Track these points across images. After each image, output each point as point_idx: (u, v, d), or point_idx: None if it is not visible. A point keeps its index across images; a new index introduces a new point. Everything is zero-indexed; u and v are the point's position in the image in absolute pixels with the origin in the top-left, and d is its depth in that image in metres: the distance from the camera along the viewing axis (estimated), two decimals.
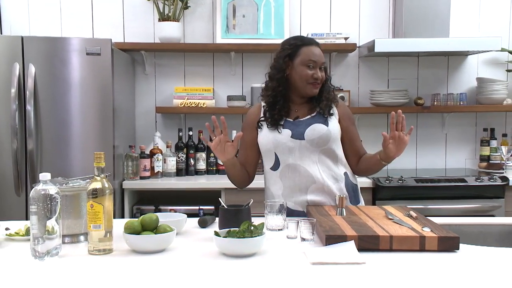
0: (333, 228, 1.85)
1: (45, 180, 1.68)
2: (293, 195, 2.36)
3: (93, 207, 1.72)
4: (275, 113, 2.38)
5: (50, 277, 1.53)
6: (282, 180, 2.38)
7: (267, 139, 2.38)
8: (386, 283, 1.45)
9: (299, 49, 2.38)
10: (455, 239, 1.72)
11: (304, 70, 2.35)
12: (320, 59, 2.37)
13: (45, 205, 1.64)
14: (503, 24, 4.25)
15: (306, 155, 2.35)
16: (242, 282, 1.49)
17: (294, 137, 2.35)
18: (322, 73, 2.38)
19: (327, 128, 2.35)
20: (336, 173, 2.39)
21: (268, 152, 2.40)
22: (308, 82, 2.35)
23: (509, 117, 4.30)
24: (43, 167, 3.32)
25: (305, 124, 2.37)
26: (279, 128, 2.37)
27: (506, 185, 3.61)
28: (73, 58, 3.34)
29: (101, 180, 1.75)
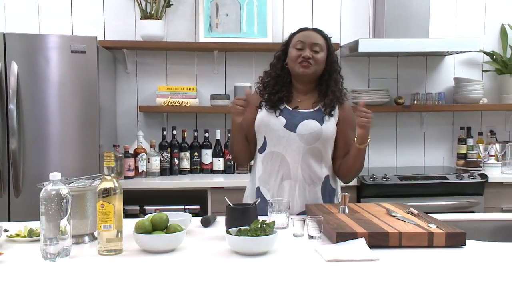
0: (342, 225, 1.87)
1: (55, 180, 1.64)
2: (269, 181, 2.41)
3: (104, 207, 1.70)
4: (275, 98, 2.42)
5: (63, 279, 1.50)
6: (263, 164, 2.42)
7: (262, 121, 2.41)
8: (401, 279, 1.48)
9: (294, 36, 2.44)
10: (462, 235, 1.77)
11: (293, 52, 2.38)
12: (309, 39, 2.37)
13: (57, 205, 1.61)
14: (479, 26, 4.36)
15: (292, 148, 2.36)
16: (259, 280, 1.49)
17: (287, 127, 2.36)
18: (317, 55, 2.36)
19: (320, 127, 2.36)
20: (316, 174, 2.40)
21: (259, 134, 2.44)
22: (297, 62, 2.36)
23: (484, 116, 4.42)
24: (26, 167, 3.25)
25: (301, 117, 2.38)
26: (276, 112, 2.39)
27: (485, 182, 3.71)
28: (57, 56, 3.28)
29: (111, 179, 1.72)
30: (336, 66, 2.44)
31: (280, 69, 2.45)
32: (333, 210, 2.17)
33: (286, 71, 2.45)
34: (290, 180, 2.38)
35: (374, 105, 4.06)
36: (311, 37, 2.38)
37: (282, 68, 2.45)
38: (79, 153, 3.33)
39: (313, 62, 2.35)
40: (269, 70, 2.51)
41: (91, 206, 1.88)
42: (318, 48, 2.37)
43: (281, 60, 2.46)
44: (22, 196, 3.24)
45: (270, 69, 2.50)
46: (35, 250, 1.75)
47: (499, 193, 3.74)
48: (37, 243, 1.85)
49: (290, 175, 2.37)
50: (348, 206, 2.17)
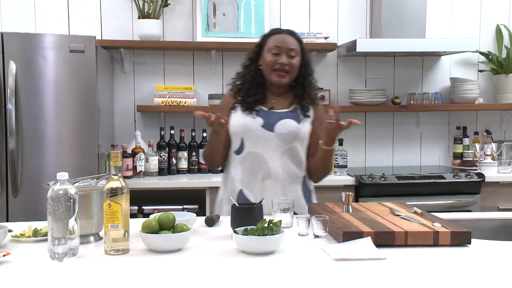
0: (347, 225, 1.87)
1: (63, 180, 1.63)
2: (250, 183, 2.39)
3: (111, 207, 1.69)
4: (251, 100, 2.40)
5: (71, 278, 1.50)
6: (242, 166, 2.41)
7: (238, 122, 2.39)
8: (410, 277, 1.49)
9: (268, 38, 2.42)
10: (467, 233, 1.78)
11: (269, 57, 2.36)
12: (285, 45, 2.35)
13: (64, 204, 1.61)
14: (474, 26, 4.39)
15: (271, 148, 2.36)
16: (268, 279, 1.49)
17: (264, 127, 2.36)
18: (293, 60, 2.36)
19: (298, 126, 2.37)
20: (295, 173, 2.42)
21: (235, 135, 2.41)
22: (272, 69, 2.35)
23: (480, 115, 4.45)
24: (24, 167, 3.23)
25: (278, 117, 2.38)
26: (253, 113, 2.38)
27: (482, 181, 3.73)
28: (56, 55, 3.26)
29: (118, 179, 1.72)
30: (309, 69, 2.45)
31: (255, 71, 2.44)
32: (336, 209, 2.18)
33: (260, 73, 2.43)
34: (271, 180, 2.37)
35: (371, 104, 4.08)
36: (287, 42, 2.36)
37: (256, 70, 2.43)
38: (77, 153, 3.32)
39: (289, 68, 2.36)
40: (243, 71, 2.49)
41: (97, 206, 1.87)
42: (294, 53, 2.37)
43: (254, 62, 2.44)
44: (20, 196, 3.23)
45: (244, 71, 2.48)
46: (42, 250, 1.75)
47: (496, 192, 3.77)
48: (42, 243, 1.85)
49: (271, 175, 2.37)
50: (352, 205, 2.17)
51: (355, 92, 4.12)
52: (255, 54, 2.44)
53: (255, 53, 2.44)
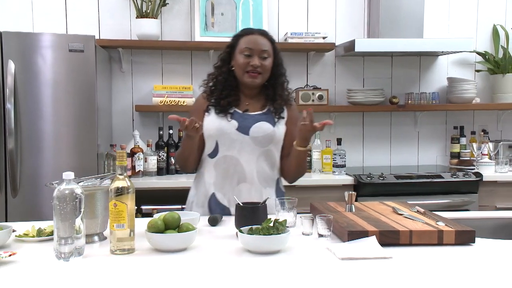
0: (351, 224, 1.88)
1: (69, 180, 1.63)
2: (224, 186, 2.37)
3: (117, 206, 1.69)
4: (224, 102, 2.37)
5: (77, 278, 1.50)
6: (216, 169, 2.37)
7: (213, 125, 2.35)
8: (416, 276, 1.50)
9: (240, 39, 2.39)
10: (472, 232, 1.79)
11: (241, 59, 2.33)
12: (257, 46, 2.32)
13: (71, 204, 1.60)
14: (471, 26, 4.41)
15: (246, 151, 2.34)
16: (274, 278, 1.49)
17: (239, 130, 2.33)
18: (265, 62, 2.33)
19: (273, 129, 2.36)
20: (270, 176, 2.41)
21: (210, 138, 2.37)
22: (245, 71, 2.33)
23: (476, 115, 4.47)
24: (23, 167, 3.22)
25: (253, 120, 2.36)
26: (227, 116, 2.35)
27: (480, 180, 3.75)
28: (55, 55, 3.26)
29: (123, 178, 1.72)
30: (281, 69, 2.43)
31: (227, 73, 2.40)
32: (339, 208, 2.18)
33: (232, 74, 2.39)
34: (246, 183, 2.35)
35: (369, 104, 4.09)
36: (259, 43, 2.33)
37: (229, 71, 2.40)
38: (77, 152, 3.31)
39: (261, 70, 2.33)
40: (215, 73, 2.44)
41: (101, 205, 1.87)
42: (266, 54, 2.34)
43: (226, 63, 2.41)
44: (19, 196, 3.22)
45: (216, 72, 2.44)
46: (46, 250, 1.75)
47: (493, 191, 3.79)
48: (47, 243, 1.85)
49: (246, 179, 2.35)
50: (354, 204, 2.18)
51: (353, 92, 4.13)
52: (227, 55, 2.40)
53: (227, 53, 2.40)
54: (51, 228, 1.93)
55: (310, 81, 4.23)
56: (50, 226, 1.96)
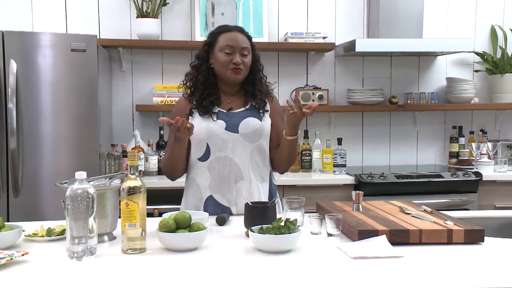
0: (360, 223, 1.89)
1: (81, 179, 1.63)
2: (221, 187, 2.36)
3: (129, 206, 1.69)
4: (207, 103, 2.35)
5: (91, 277, 1.50)
6: (210, 172, 2.36)
7: (200, 129, 2.31)
8: (428, 275, 1.50)
9: (218, 36, 2.38)
10: (481, 231, 1.80)
11: (222, 56, 2.32)
12: (238, 44, 2.32)
13: (83, 204, 1.60)
14: (470, 27, 4.43)
15: (239, 149, 2.34)
16: (287, 277, 1.50)
17: (228, 129, 2.33)
18: (246, 59, 2.34)
19: (261, 123, 2.37)
20: (263, 171, 2.43)
21: (199, 142, 2.35)
22: (228, 68, 2.32)
23: (475, 115, 4.50)
24: (25, 167, 3.21)
25: (239, 117, 2.36)
26: (213, 116, 2.34)
27: (479, 180, 3.78)
28: (57, 55, 3.25)
29: (135, 178, 1.72)
30: (259, 65, 2.43)
31: (206, 71, 2.38)
32: (346, 208, 2.19)
33: (212, 72, 2.38)
34: (244, 181, 2.36)
35: (369, 104, 4.11)
36: (239, 41, 2.33)
37: (208, 69, 2.38)
38: (79, 152, 3.31)
39: (243, 67, 2.33)
40: (193, 72, 2.43)
41: (111, 205, 1.88)
42: (246, 52, 2.34)
43: (205, 61, 2.39)
44: (21, 196, 3.21)
45: (194, 71, 2.42)
46: (57, 249, 1.76)
47: (492, 191, 3.82)
48: (56, 243, 1.86)
49: (243, 176, 2.36)
50: (361, 204, 2.19)
51: (353, 92, 4.15)
52: (205, 53, 2.39)
53: (205, 51, 2.39)
54: (61, 228, 1.93)
55: (310, 81, 4.24)
56: (59, 226, 1.96)
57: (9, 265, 1.57)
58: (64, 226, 1.94)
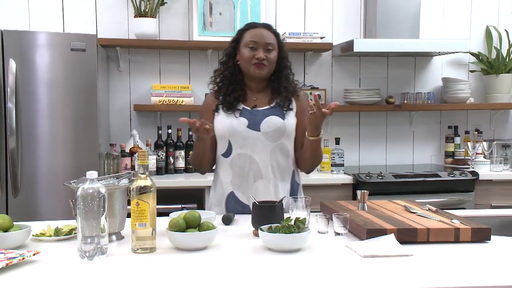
0: (368, 222, 1.90)
1: (93, 179, 1.63)
2: (241, 184, 2.39)
3: (139, 205, 1.70)
4: (230, 98, 2.39)
5: (103, 277, 1.51)
6: (232, 168, 2.39)
7: (223, 125, 2.37)
8: (438, 273, 1.52)
9: (244, 33, 2.41)
10: (487, 230, 1.83)
11: (246, 52, 2.35)
12: (262, 40, 2.34)
13: (94, 203, 1.60)
14: (465, 27, 4.47)
15: (259, 147, 2.36)
16: (299, 276, 1.51)
17: (250, 127, 2.36)
18: (270, 54, 2.35)
19: (283, 121, 2.38)
20: (285, 170, 2.43)
21: (222, 138, 2.40)
22: (251, 63, 2.35)
23: (470, 115, 4.54)
24: (24, 166, 3.20)
25: (262, 115, 2.38)
26: (235, 113, 2.37)
27: (476, 179, 3.81)
28: (56, 54, 3.24)
29: (145, 177, 1.73)
30: (286, 62, 2.45)
31: (233, 67, 2.42)
32: (350, 207, 2.21)
33: (238, 69, 2.42)
34: (263, 180, 2.38)
35: (366, 104, 4.13)
36: (264, 36, 2.36)
37: (234, 65, 2.42)
38: (78, 152, 3.29)
39: (267, 63, 2.35)
40: (221, 68, 2.46)
41: (119, 204, 1.88)
42: (271, 47, 2.36)
43: (232, 57, 2.43)
44: (20, 196, 3.19)
45: (222, 68, 2.46)
46: (66, 249, 1.76)
47: (488, 190, 3.85)
48: (64, 242, 1.86)
49: (262, 175, 2.38)
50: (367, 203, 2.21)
51: (350, 92, 4.17)
52: (232, 50, 2.42)
53: (232, 48, 2.42)
54: (68, 228, 1.93)
55: (307, 80, 4.25)
56: (66, 226, 1.95)
57: (20, 264, 1.57)
58: (71, 226, 1.95)
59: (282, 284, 1.44)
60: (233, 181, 2.40)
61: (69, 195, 1.92)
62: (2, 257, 1.54)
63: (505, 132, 4.61)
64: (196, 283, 1.45)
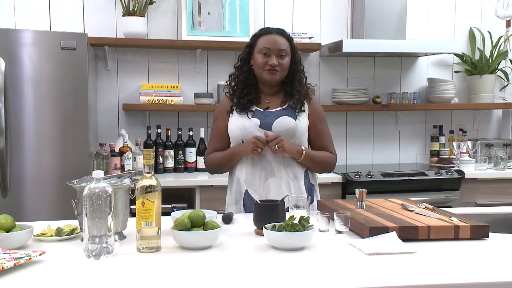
0: (368, 220, 1.93)
1: (99, 178, 1.63)
2: (254, 182, 2.44)
3: (145, 205, 1.70)
4: (244, 101, 2.45)
5: (109, 276, 1.51)
6: (245, 166, 2.45)
7: (236, 126, 2.44)
8: (441, 269, 1.55)
9: (258, 39, 2.47)
10: (486, 227, 1.87)
11: (260, 58, 2.41)
12: (275, 46, 2.40)
13: (100, 202, 1.60)
14: (449, 29, 4.54)
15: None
16: (306, 273, 1.53)
17: (262, 127, 2.41)
18: (283, 60, 2.41)
19: (295, 122, 2.43)
20: (297, 169, 2.47)
21: (236, 139, 2.46)
22: (264, 69, 2.41)
23: (454, 115, 4.61)
24: (13, 167, 3.15)
25: (274, 116, 2.44)
26: (248, 114, 2.44)
27: (462, 178, 3.88)
28: (46, 52, 3.19)
29: (151, 177, 1.73)
30: (299, 66, 2.51)
31: (247, 72, 2.49)
32: (348, 206, 2.23)
33: (252, 73, 2.48)
34: (275, 178, 2.42)
35: (354, 104, 4.17)
36: (276, 43, 2.41)
37: (249, 70, 2.49)
38: (68, 151, 3.26)
39: (279, 69, 2.41)
40: (236, 72, 2.53)
41: (122, 204, 1.87)
42: (284, 53, 2.41)
43: (246, 62, 2.49)
44: (9, 196, 3.15)
45: (237, 72, 2.53)
46: (69, 249, 1.76)
47: (473, 188, 3.92)
48: (66, 242, 1.86)
49: (274, 173, 2.42)
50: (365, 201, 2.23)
51: (338, 92, 4.20)
52: (247, 55, 2.49)
53: (247, 53, 2.49)
54: (69, 228, 1.92)
55: None
56: (67, 225, 1.94)
57: (26, 265, 1.56)
58: (72, 226, 1.94)
59: (291, 282, 1.46)
60: (247, 178, 2.44)
61: (60, 195, 1.92)
62: (9, 257, 1.53)
63: (488, 132, 4.69)
64: (203, 282, 1.46)
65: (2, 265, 1.45)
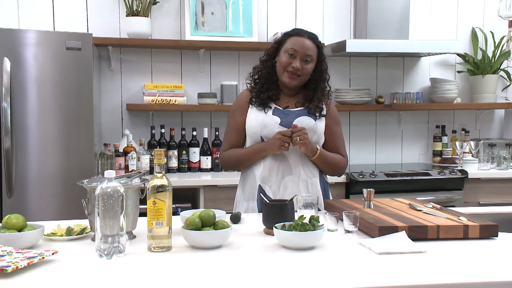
0: (378, 220, 1.94)
1: (111, 178, 1.63)
2: (270, 179, 2.42)
3: (156, 204, 1.70)
4: (264, 96, 2.45)
5: (121, 275, 1.52)
6: (263, 162, 2.44)
7: (256, 122, 2.43)
8: (452, 268, 1.56)
9: (288, 38, 2.45)
10: (495, 227, 1.87)
11: (284, 58, 2.39)
12: (302, 49, 2.37)
13: (113, 202, 1.60)
14: (451, 29, 4.55)
15: (290, 145, 2.38)
16: (318, 273, 1.53)
17: (282, 125, 2.40)
18: (306, 65, 2.39)
19: (315, 122, 2.43)
20: (314, 167, 2.48)
21: (254, 135, 2.45)
22: (285, 70, 2.39)
23: (456, 115, 4.62)
24: (19, 167, 3.16)
25: (294, 115, 2.43)
26: (267, 110, 2.43)
27: (465, 178, 3.89)
28: (51, 53, 3.20)
29: (162, 176, 1.73)
30: (324, 75, 2.49)
31: (271, 67, 2.48)
32: (356, 205, 2.24)
33: (275, 70, 2.47)
34: (292, 176, 2.42)
35: (357, 103, 4.18)
36: (304, 46, 2.38)
37: (272, 66, 2.48)
38: (73, 151, 3.26)
39: (300, 73, 2.39)
40: (260, 66, 2.52)
41: (132, 204, 1.88)
42: (309, 59, 2.39)
43: (272, 58, 2.48)
44: (15, 196, 3.16)
45: (261, 66, 2.51)
46: (80, 248, 1.77)
47: (477, 188, 3.93)
48: (77, 241, 1.86)
49: (292, 171, 2.42)
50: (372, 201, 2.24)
51: (341, 92, 4.21)
52: (274, 51, 2.47)
53: (274, 49, 2.47)
54: (79, 227, 1.92)
55: None
56: (77, 225, 1.95)
57: (39, 264, 1.56)
58: (82, 226, 1.94)
59: (303, 281, 1.46)
60: (262, 174, 2.42)
61: (64, 195, 1.92)
62: (22, 257, 1.54)
63: (490, 132, 4.71)
64: (214, 281, 1.47)
65: (16, 264, 1.46)
